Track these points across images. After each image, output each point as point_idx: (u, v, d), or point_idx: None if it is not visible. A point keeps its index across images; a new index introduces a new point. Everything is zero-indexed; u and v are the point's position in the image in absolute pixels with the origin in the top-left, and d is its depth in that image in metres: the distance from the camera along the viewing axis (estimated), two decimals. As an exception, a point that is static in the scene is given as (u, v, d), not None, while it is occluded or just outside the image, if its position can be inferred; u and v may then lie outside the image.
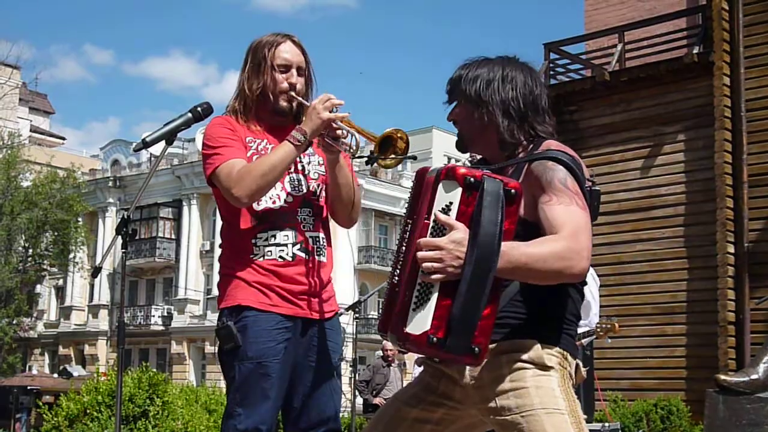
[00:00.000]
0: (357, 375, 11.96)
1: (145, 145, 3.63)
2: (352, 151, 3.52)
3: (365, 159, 3.44)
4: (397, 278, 2.65)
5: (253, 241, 3.58)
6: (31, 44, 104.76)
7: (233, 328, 3.50)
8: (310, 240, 3.64)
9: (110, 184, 47.76)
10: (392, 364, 13.50)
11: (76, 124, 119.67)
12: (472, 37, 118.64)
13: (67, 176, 39.35)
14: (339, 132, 3.49)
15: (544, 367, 2.71)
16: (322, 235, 3.71)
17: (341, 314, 8.03)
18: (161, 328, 44.52)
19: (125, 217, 3.68)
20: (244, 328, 3.50)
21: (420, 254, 2.51)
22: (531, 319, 2.75)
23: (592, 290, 7.22)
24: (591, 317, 7.07)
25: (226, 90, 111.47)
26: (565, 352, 2.76)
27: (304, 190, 3.67)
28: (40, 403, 11.53)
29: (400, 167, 54.94)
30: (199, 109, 3.72)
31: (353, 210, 3.73)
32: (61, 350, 48.78)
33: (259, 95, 3.67)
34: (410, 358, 18.02)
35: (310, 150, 3.68)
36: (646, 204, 15.32)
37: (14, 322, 38.69)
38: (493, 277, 2.49)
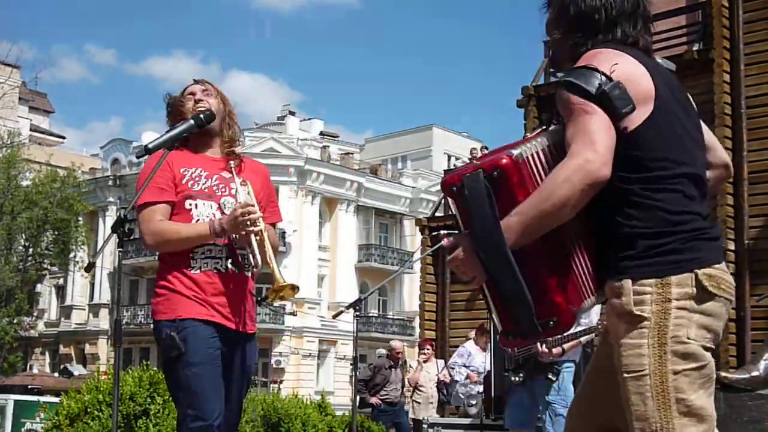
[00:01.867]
0: (357, 373, 11.93)
1: (147, 151, 3.78)
2: (252, 267, 4.00)
3: (258, 300, 4.13)
4: None
5: (191, 254, 3.93)
6: (33, 44, 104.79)
7: (177, 337, 3.81)
8: (240, 256, 4.00)
9: (110, 183, 47.79)
10: (398, 366, 13.38)
11: (79, 124, 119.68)
12: (472, 36, 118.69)
13: (68, 175, 39.37)
14: (250, 243, 3.93)
15: (636, 319, 2.58)
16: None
17: (341, 312, 8.02)
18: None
19: (121, 216, 3.76)
20: (186, 337, 3.82)
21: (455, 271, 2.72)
22: (618, 248, 2.64)
23: None
24: (592, 316, 7.08)
25: (228, 90, 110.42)
26: (663, 281, 2.58)
27: None
28: (41, 402, 11.53)
29: (400, 165, 55.00)
30: (201, 116, 3.90)
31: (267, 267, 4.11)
32: (62, 349, 48.80)
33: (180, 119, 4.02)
34: (411, 357, 17.96)
35: (240, 179, 4.07)
36: (646, 201, 15.33)
37: (15, 321, 38.74)
38: (509, 254, 2.54)
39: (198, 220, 3.93)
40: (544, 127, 2.84)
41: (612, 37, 2.79)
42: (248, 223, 3.86)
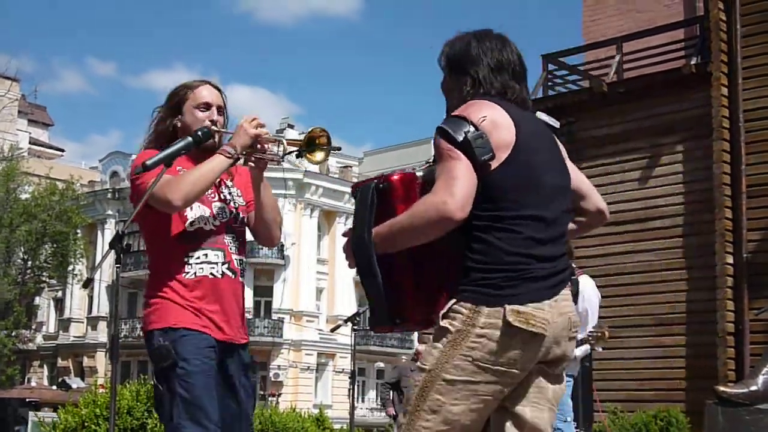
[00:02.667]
0: (354, 384, 11.93)
1: (146, 168, 3.67)
2: (278, 158, 3.90)
3: (295, 153, 3.86)
4: None
5: (186, 259, 3.82)
6: (33, 57, 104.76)
7: (170, 347, 3.71)
8: (235, 261, 3.92)
9: (109, 195, 47.83)
10: None
11: (78, 136, 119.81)
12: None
13: (66, 188, 39.39)
14: (266, 145, 3.84)
15: (442, 330, 2.99)
16: (244, 258, 4.02)
17: (339, 326, 7.99)
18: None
19: (119, 232, 3.69)
20: (181, 346, 3.71)
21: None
22: (462, 275, 3.02)
23: (592, 304, 7.22)
24: (587, 330, 7.08)
25: (228, 103, 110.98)
26: (476, 308, 2.95)
27: (228, 217, 3.94)
28: (39, 417, 11.50)
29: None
30: (199, 133, 3.82)
31: (275, 229, 4.05)
32: (60, 362, 48.75)
33: (182, 132, 3.90)
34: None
35: (230, 183, 4.02)
36: (644, 215, 15.32)
37: (13, 334, 38.71)
38: (372, 255, 3.03)
39: (192, 221, 3.82)
40: (431, 162, 3.20)
41: (488, 90, 3.14)
42: (254, 125, 3.78)
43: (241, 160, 3.87)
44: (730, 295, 14.03)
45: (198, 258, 3.82)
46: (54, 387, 42.34)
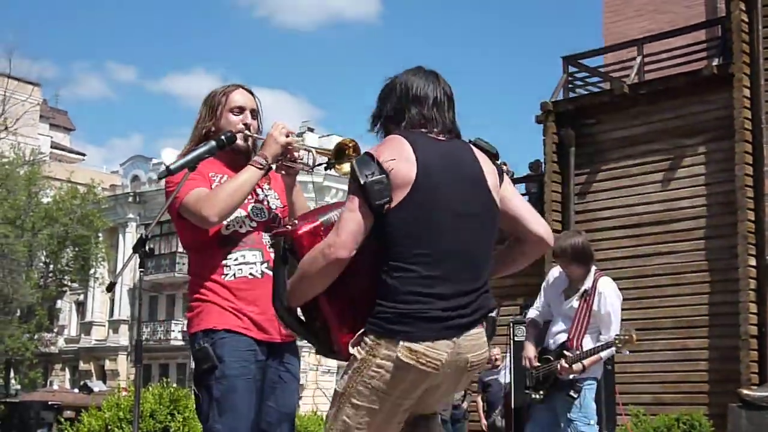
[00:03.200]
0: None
1: (170, 172, 3.74)
2: (308, 168, 3.96)
3: (324, 165, 3.88)
4: None
5: (224, 262, 3.85)
6: (54, 62, 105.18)
7: (210, 349, 3.74)
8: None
9: (130, 199, 47.94)
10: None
11: (100, 141, 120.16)
12: (491, 53, 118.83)
13: (88, 192, 39.56)
14: (296, 153, 3.91)
15: (352, 357, 3.16)
16: None
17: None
18: (181, 343, 44.55)
19: (143, 236, 3.73)
20: (221, 349, 3.75)
21: None
22: (373, 308, 3.16)
23: (614, 306, 7.18)
24: (611, 332, 7.04)
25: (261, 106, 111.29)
26: (377, 340, 3.09)
27: (266, 218, 3.98)
28: (62, 419, 11.56)
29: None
30: (223, 137, 3.85)
31: None
32: (82, 365, 48.92)
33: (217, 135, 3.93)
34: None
35: (266, 186, 4.04)
36: (666, 217, 15.26)
37: (35, 337, 38.88)
38: (294, 316, 3.33)
39: (228, 224, 3.85)
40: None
41: (405, 122, 3.27)
42: (284, 133, 3.84)
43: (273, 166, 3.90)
44: (753, 298, 13.96)
45: (236, 260, 3.85)
46: (75, 390, 42.53)
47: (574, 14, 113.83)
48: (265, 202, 4.00)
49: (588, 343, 6.64)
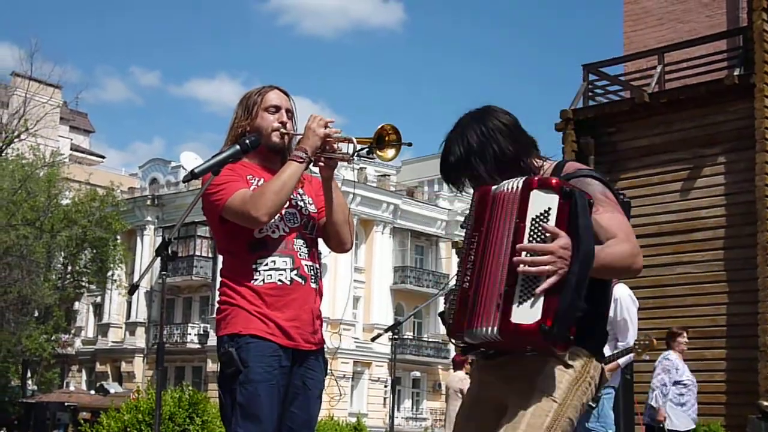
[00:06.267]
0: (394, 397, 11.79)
1: (194, 176, 3.71)
2: (348, 157, 3.86)
3: (366, 149, 3.81)
4: (468, 283, 2.95)
5: (254, 266, 3.81)
6: (77, 66, 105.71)
7: (234, 353, 3.72)
8: (306, 267, 3.89)
9: (148, 202, 48.13)
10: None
11: (122, 144, 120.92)
12: (512, 61, 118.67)
13: (106, 194, 39.71)
14: (335, 145, 3.84)
15: (565, 365, 2.98)
16: (316, 264, 3.97)
17: (379, 335, 8.00)
18: (197, 346, 44.69)
19: (166, 239, 3.73)
20: (245, 353, 3.73)
21: (534, 259, 2.80)
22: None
23: (630, 312, 7.18)
24: (628, 339, 7.04)
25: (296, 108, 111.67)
26: (591, 356, 3.04)
27: (298, 223, 3.93)
28: (82, 421, 11.60)
29: (436, 187, 54.97)
30: (247, 141, 3.81)
31: (346, 231, 4.00)
32: (98, 367, 49.11)
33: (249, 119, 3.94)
34: (445, 380, 17.77)
35: (301, 191, 3.98)
36: (685, 227, 15.21)
37: (52, 338, 39.03)
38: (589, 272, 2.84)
39: (261, 229, 3.81)
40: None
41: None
42: (322, 124, 3.79)
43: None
44: (773, 309, 13.88)
45: (266, 265, 3.81)
46: (92, 392, 42.70)
47: (595, 23, 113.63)
48: (299, 207, 3.96)
49: (606, 351, 6.64)
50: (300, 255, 3.87)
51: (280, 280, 3.81)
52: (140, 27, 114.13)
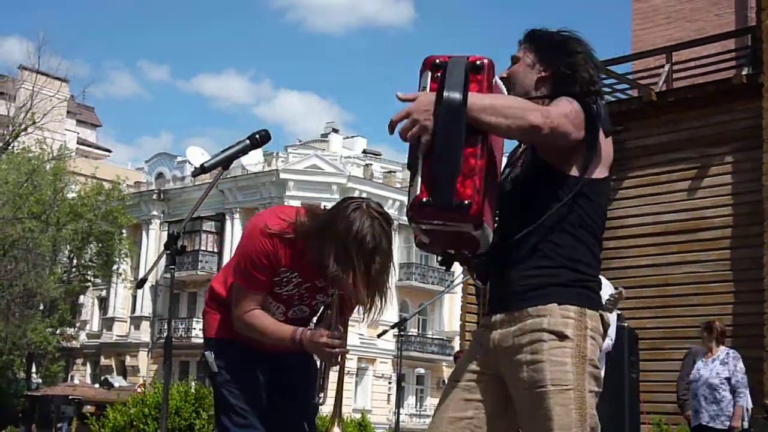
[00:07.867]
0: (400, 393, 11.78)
1: (203, 170, 3.72)
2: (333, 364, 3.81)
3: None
4: None
5: None
6: (85, 60, 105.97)
7: (210, 356, 3.82)
8: (296, 313, 3.91)
9: (154, 196, 48.16)
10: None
11: (129, 138, 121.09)
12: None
13: (112, 188, 39.76)
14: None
15: (561, 336, 2.81)
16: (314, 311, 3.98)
17: (385, 332, 7.98)
18: (201, 340, 44.70)
19: (174, 233, 3.76)
20: (222, 356, 3.81)
21: (401, 125, 2.65)
22: (549, 275, 2.88)
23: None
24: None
25: (277, 109, 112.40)
26: (583, 309, 2.87)
27: (305, 315, 3.94)
28: (88, 414, 11.63)
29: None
30: (257, 136, 3.78)
31: None
32: (103, 361, 49.17)
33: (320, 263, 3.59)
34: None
35: (333, 290, 3.81)
36: (692, 226, 15.17)
37: (57, 331, 39.11)
38: (463, 125, 2.59)
39: (275, 292, 3.79)
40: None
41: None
42: (329, 352, 3.70)
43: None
44: (779, 309, 13.86)
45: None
46: (96, 385, 42.76)
47: (603, 21, 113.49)
48: (314, 306, 3.94)
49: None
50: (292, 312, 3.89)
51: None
52: (149, 22, 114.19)
